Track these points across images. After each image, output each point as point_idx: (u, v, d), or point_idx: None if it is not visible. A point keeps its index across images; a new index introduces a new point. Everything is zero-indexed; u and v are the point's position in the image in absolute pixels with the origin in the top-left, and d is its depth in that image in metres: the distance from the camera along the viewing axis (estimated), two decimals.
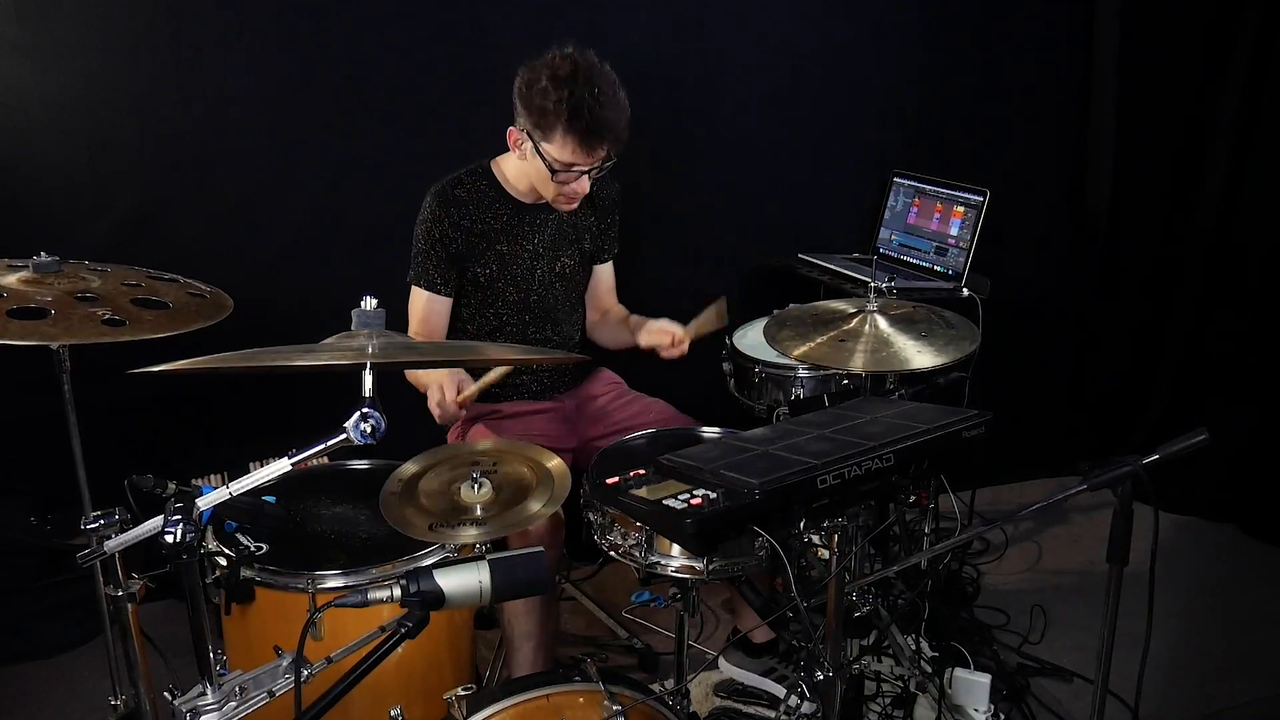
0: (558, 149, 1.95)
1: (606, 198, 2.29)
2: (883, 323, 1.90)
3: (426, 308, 2.14)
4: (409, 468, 1.69)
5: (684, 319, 2.17)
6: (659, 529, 1.56)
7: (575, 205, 2.11)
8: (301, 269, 2.56)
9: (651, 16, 2.67)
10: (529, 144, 1.99)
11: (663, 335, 2.11)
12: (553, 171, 1.98)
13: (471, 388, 1.91)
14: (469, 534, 1.54)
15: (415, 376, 2.06)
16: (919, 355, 1.81)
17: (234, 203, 2.48)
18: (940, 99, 2.99)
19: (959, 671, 2.11)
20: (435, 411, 1.92)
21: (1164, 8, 3.02)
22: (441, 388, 1.88)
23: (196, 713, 1.16)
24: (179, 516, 1.11)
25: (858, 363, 1.80)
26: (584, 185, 2.02)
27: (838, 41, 2.86)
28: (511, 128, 2.03)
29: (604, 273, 2.38)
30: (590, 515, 1.76)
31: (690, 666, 1.86)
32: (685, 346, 2.10)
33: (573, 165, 1.96)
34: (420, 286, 2.13)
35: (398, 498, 1.62)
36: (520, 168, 2.09)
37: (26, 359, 1.59)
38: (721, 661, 2.29)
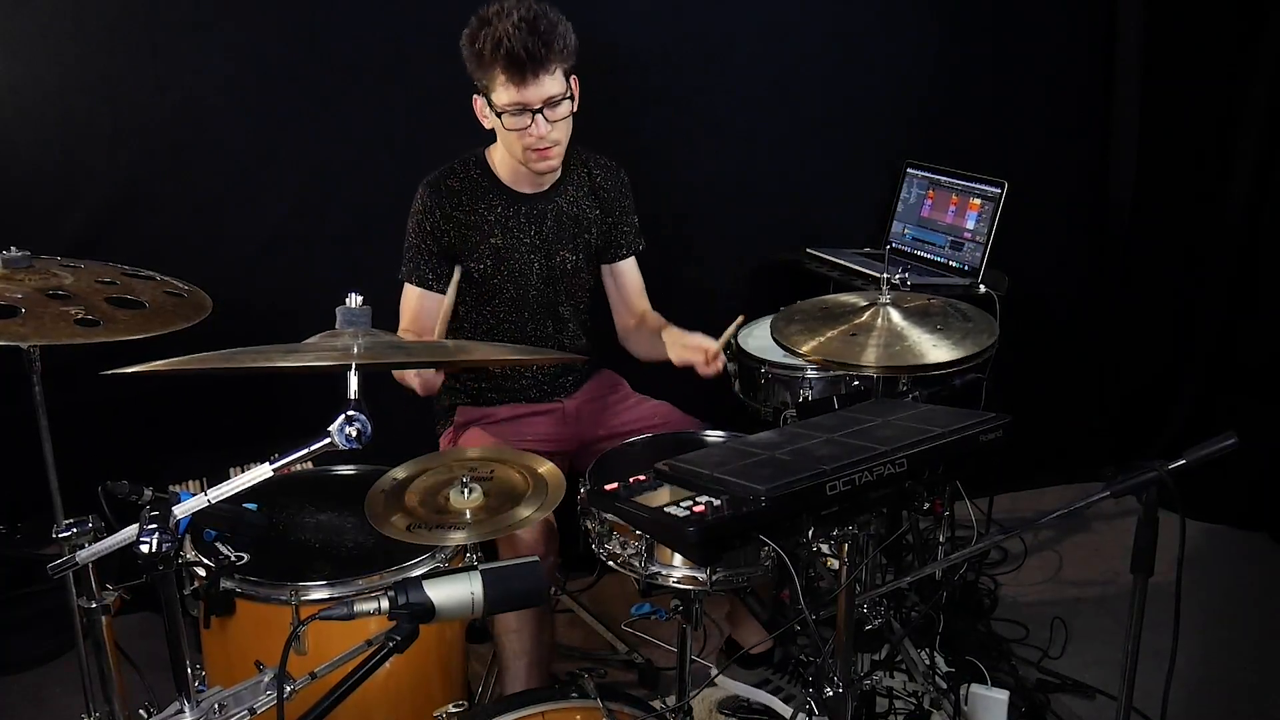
0: (499, 93, 1.92)
1: (611, 187, 2.21)
2: (896, 316, 1.84)
3: (418, 305, 2.08)
4: (398, 472, 1.67)
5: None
6: (660, 538, 1.53)
7: (552, 161, 2.02)
8: (284, 264, 2.50)
9: (651, 1, 2.61)
10: (484, 103, 1.97)
11: (696, 354, 2.00)
12: (500, 117, 1.94)
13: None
14: (454, 537, 1.51)
15: (402, 375, 1.99)
16: (935, 349, 1.75)
17: (213, 195, 2.44)
18: (956, 85, 2.93)
19: (975, 687, 2.08)
20: (415, 380, 1.87)
21: None
22: None
23: None
24: (155, 525, 1.09)
25: (870, 358, 1.74)
26: (541, 128, 1.94)
27: (848, 25, 2.80)
28: (475, 96, 1.99)
29: (627, 271, 2.28)
30: (588, 523, 1.72)
31: (693, 682, 1.82)
32: (720, 362, 2.00)
33: (517, 105, 1.91)
34: (412, 283, 2.08)
35: (383, 502, 1.59)
36: (503, 148, 2.04)
37: None
38: (713, 673, 2.24)
